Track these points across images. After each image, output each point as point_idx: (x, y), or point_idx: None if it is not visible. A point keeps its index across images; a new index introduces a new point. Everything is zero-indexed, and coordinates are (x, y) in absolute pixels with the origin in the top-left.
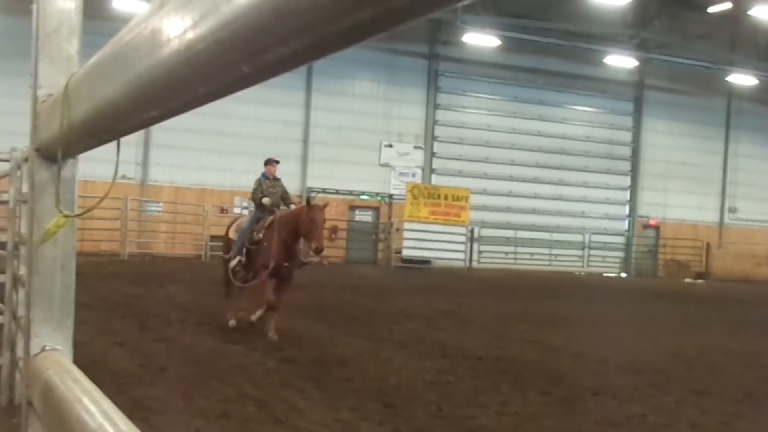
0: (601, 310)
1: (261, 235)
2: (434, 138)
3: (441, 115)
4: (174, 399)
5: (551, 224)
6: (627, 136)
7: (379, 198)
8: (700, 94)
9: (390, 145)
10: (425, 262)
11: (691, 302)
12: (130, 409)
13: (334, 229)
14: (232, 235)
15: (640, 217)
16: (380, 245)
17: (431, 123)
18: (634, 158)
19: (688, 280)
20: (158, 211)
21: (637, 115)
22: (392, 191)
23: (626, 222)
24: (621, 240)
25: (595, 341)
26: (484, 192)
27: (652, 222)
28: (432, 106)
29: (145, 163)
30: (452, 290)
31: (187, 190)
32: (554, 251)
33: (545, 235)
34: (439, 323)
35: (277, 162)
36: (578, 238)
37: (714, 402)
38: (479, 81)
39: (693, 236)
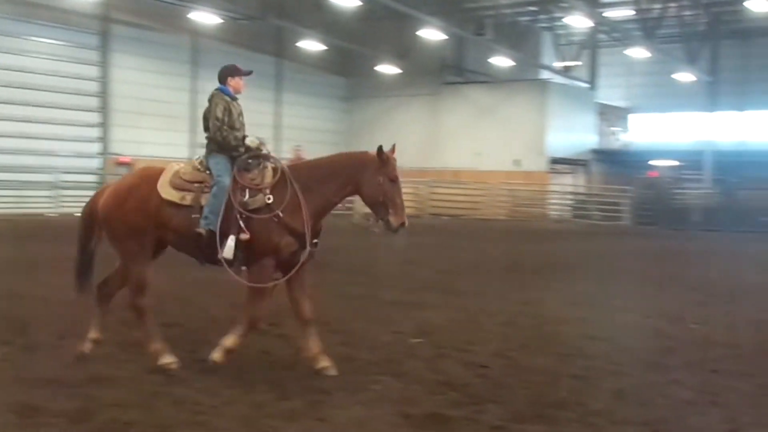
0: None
1: (269, 198)
2: None
3: None
4: None
5: (18, 164)
6: (95, 72)
7: None
8: (166, 30)
9: None
10: None
11: None
12: None
13: None
14: (169, 194)
15: (113, 154)
16: None
17: None
18: (104, 94)
19: None
20: None
21: (105, 50)
22: None
23: (98, 160)
24: (94, 179)
25: (61, 284)
26: None
27: (124, 159)
28: None
29: None
30: None
31: None
32: (23, 193)
33: (12, 176)
34: None
35: (249, 73)
36: (48, 178)
37: (182, 332)
38: None
39: None
